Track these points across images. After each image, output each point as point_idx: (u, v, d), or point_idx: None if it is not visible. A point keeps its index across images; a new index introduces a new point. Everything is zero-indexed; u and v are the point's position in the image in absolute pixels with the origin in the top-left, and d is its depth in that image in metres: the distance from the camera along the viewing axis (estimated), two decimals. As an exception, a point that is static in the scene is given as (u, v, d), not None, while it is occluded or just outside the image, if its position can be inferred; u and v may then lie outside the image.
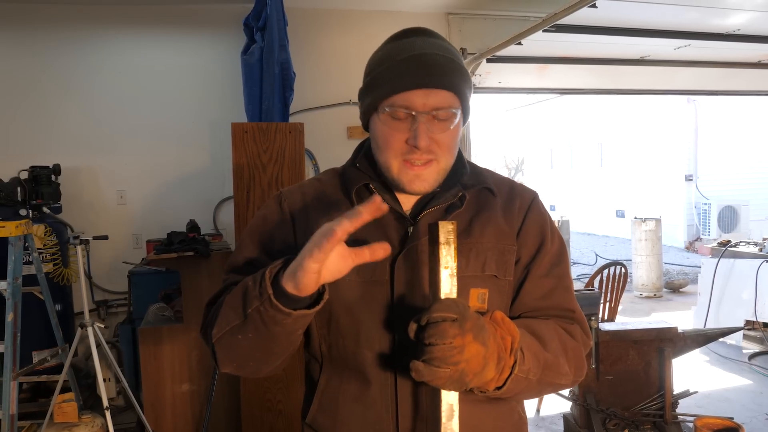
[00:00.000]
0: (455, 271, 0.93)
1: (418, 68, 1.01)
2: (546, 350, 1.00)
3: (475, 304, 1.04)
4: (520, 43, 4.14)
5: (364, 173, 1.12)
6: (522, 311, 1.10)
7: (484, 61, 4.60)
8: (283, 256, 1.10)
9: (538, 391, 1.03)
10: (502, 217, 1.11)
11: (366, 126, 1.12)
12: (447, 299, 0.89)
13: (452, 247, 0.93)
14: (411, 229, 1.07)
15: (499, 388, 0.94)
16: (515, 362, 0.92)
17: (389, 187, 1.10)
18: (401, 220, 1.08)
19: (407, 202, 1.11)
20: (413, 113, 1.01)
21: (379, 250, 0.86)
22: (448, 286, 0.92)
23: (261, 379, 2.97)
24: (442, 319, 0.84)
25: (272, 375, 1.07)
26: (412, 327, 0.87)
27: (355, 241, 1.07)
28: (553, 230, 1.15)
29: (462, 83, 1.04)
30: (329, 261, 0.84)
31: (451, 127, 1.04)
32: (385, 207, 0.82)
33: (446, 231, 0.94)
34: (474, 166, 1.18)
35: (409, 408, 1.02)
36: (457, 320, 0.84)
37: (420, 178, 1.04)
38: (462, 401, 1.02)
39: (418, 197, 1.12)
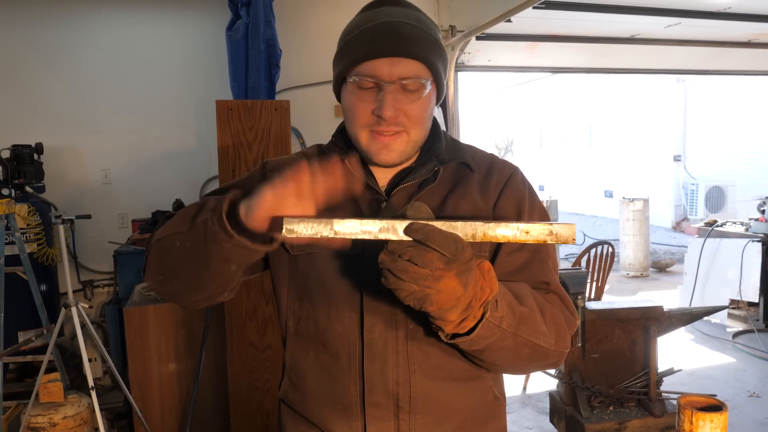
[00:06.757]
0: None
1: (384, 36, 0.99)
2: (521, 305, 0.95)
3: None
4: (509, 21, 4.10)
5: (341, 148, 1.13)
6: None
7: (474, 38, 4.55)
8: None
9: (516, 350, 0.95)
10: (479, 192, 1.09)
11: (339, 98, 1.11)
12: (452, 234, 0.78)
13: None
14: (384, 204, 1.06)
15: (468, 334, 0.87)
16: (486, 310, 0.86)
17: (365, 162, 1.10)
18: (375, 195, 1.08)
19: (383, 178, 1.11)
20: (379, 83, 0.99)
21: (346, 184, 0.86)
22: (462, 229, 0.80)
23: (248, 359, 2.97)
24: (434, 248, 0.76)
25: (197, 306, 1.07)
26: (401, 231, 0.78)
27: (328, 211, 1.06)
28: (533, 205, 1.11)
29: (432, 54, 1.02)
30: (286, 199, 0.83)
31: (421, 99, 1.02)
32: (339, 167, 0.84)
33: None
34: (453, 141, 1.16)
35: (375, 383, 1.02)
36: (448, 258, 0.76)
37: (388, 148, 1.03)
38: (432, 379, 1.02)
39: (393, 172, 1.11)
